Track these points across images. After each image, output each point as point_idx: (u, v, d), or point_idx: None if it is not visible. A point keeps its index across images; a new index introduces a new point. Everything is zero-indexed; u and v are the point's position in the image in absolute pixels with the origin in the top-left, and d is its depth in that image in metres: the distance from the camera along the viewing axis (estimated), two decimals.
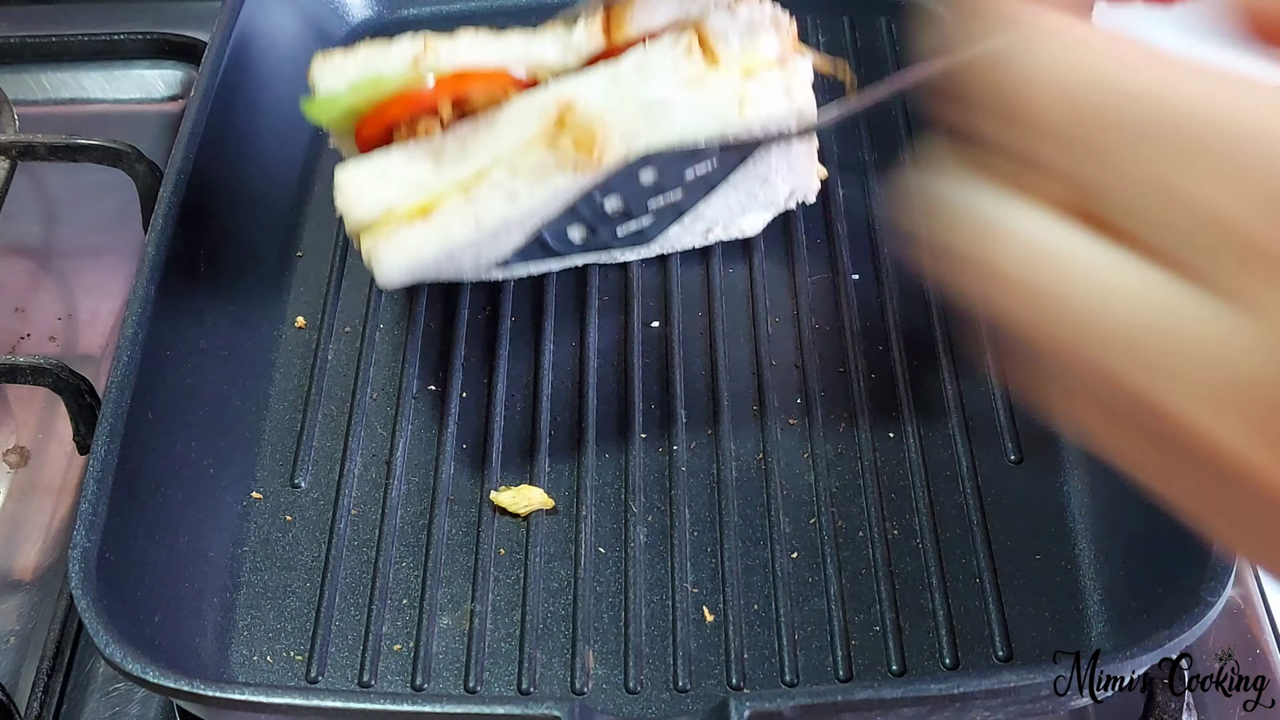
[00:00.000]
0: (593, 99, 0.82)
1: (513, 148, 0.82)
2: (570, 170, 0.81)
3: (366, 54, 0.86)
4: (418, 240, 0.82)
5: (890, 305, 0.98)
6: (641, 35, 0.84)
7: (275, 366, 0.98)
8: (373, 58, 0.86)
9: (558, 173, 0.81)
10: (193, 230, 0.93)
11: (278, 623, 0.84)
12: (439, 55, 0.85)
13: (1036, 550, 0.85)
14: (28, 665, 0.86)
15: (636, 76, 0.82)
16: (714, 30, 0.83)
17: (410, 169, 0.82)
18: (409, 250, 0.82)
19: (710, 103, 0.82)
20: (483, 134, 0.83)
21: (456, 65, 0.85)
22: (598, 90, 0.82)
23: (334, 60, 0.86)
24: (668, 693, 0.80)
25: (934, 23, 1.19)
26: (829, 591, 0.84)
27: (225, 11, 1.06)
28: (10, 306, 1.08)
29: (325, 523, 0.89)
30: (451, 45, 0.85)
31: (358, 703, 0.71)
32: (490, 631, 0.83)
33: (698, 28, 0.83)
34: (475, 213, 0.82)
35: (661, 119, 0.81)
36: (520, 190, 0.82)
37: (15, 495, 0.96)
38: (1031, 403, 0.42)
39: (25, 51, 1.25)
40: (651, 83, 0.82)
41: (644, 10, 0.84)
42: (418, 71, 0.84)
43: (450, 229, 0.82)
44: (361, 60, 0.86)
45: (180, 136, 0.96)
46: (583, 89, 0.82)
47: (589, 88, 0.82)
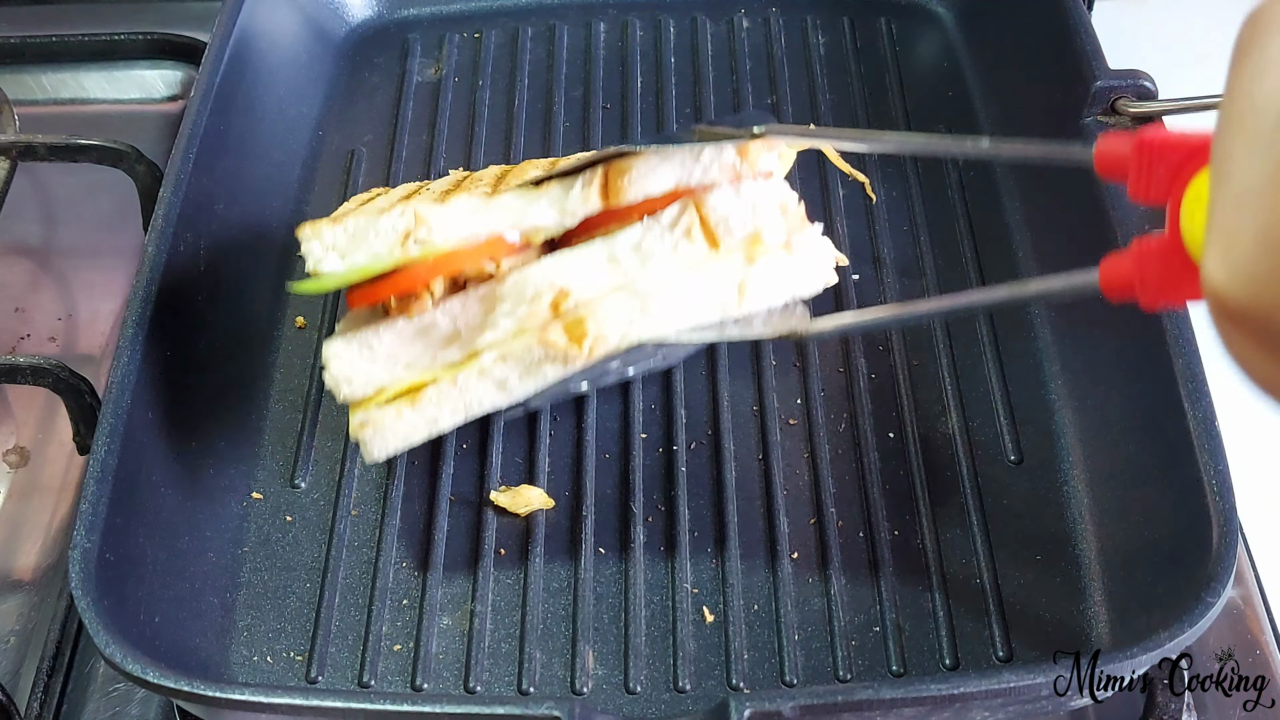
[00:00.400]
0: (587, 285, 0.79)
1: (504, 333, 0.79)
2: (561, 361, 0.79)
3: (355, 224, 0.79)
4: (406, 428, 0.82)
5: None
6: (641, 200, 0.79)
7: (275, 366, 0.98)
8: (362, 229, 0.79)
9: (548, 363, 0.79)
10: (193, 230, 0.93)
11: (278, 623, 0.84)
12: (430, 228, 0.79)
13: (1036, 550, 0.85)
14: (28, 665, 0.86)
15: (634, 258, 0.79)
16: (716, 210, 0.78)
17: (400, 348, 0.80)
18: (397, 438, 0.82)
19: (709, 290, 0.79)
20: (473, 312, 0.80)
21: (448, 237, 0.79)
22: (593, 274, 0.79)
23: (322, 232, 0.80)
24: (668, 693, 0.80)
25: (934, 23, 1.19)
26: (829, 591, 0.84)
27: (225, 11, 1.06)
28: (10, 306, 1.08)
29: (325, 523, 0.89)
30: (443, 214, 0.79)
31: (357, 703, 0.71)
32: (490, 631, 0.83)
33: (699, 207, 0.79)
34: (464, 400, 0.81)
35: (657, 308, 0.79)
36: (510, 379, 0.80)
37: (15, 495, 0.96)
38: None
39: (25, 51, 1.25)
40: (649, 265, 0.78)
41: (643, 174, 0.79)
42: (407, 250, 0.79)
43: (439, 416, 0.82)
44: (351, 231, 0.79)
45: (180, 136, 0.96)
46: (577, 273, 0.79)
47: (584, 271, 0.79)
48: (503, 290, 0.79)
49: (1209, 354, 0.81)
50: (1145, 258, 0.57)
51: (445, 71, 1.18)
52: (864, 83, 1.15)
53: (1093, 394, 0.89)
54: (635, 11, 1.22)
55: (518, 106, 1.15)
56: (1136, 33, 1.34)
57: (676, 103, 1.14)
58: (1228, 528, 0.73)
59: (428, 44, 1.21)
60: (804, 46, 1.19)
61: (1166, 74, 0.99)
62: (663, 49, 1.19)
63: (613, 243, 0.79)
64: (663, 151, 0.83)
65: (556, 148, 1.11)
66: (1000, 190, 1.05)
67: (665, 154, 0.78)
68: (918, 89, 1.15)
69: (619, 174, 0.77)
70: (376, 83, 1.18)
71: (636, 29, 1.21)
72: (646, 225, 0.79)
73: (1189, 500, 0.76)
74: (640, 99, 1.15)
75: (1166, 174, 0.55)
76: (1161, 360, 0.81)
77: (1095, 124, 0.96)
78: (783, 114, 1.13)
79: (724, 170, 0.78)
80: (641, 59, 1.18)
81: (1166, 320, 0.82)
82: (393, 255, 0.79)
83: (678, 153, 0.78)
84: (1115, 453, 0.85)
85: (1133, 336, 0.86)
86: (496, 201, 0.78)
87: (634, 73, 1.17)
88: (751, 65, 1.17)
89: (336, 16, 1.21)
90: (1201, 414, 0.77)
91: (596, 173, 0.78)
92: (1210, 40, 1.36)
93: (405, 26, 1.23)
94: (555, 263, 0.79)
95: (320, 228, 0.79)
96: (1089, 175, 0.93)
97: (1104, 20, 1.15)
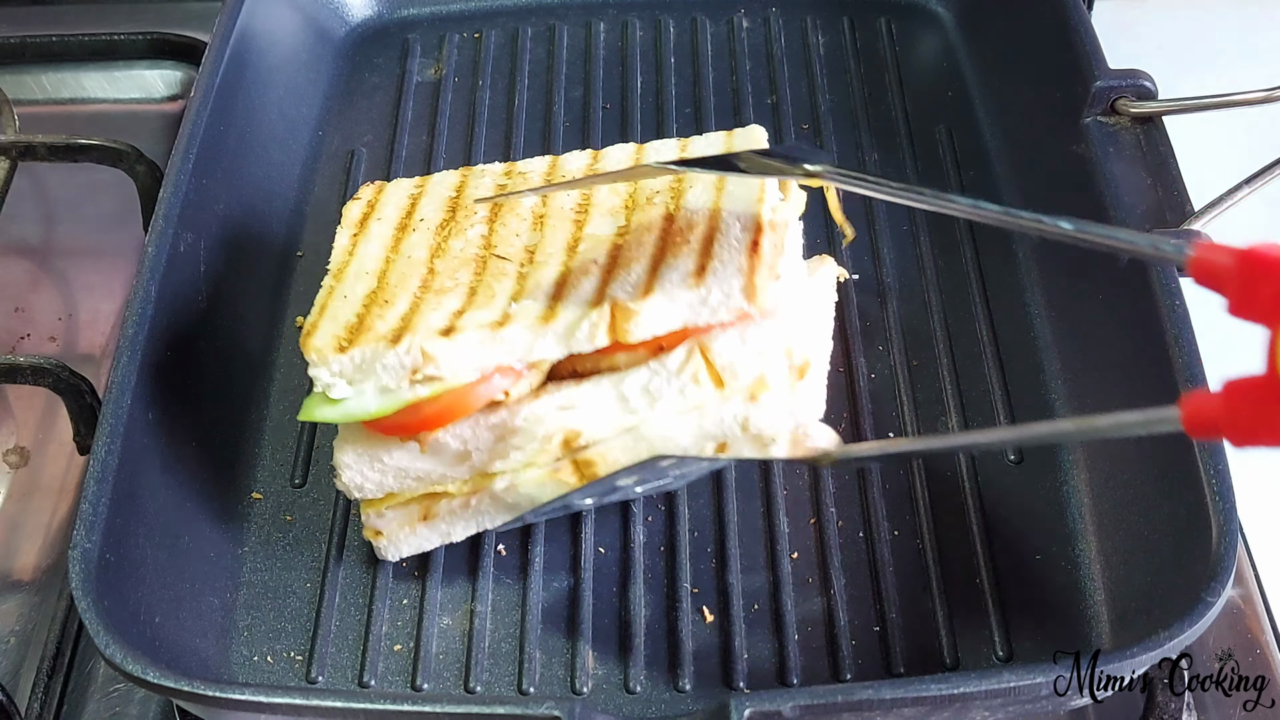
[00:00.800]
0: (597, 426, 0.81)
1: (516, 463, 0.82)
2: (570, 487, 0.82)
3: (362, 354, 0.78)
4: (419, 541, 0.85)
5: (890, 305, 0.98)
6: (648, 338, 0.79)
7: (275, 366, 0.98)
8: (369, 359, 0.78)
9: (556, 492, 0.82)
10: (193, 230, 0.93)
11: (278, 623, 0.84)
12: (438, 364, 0.78)
13: (1036, 550, 0.85)
14: (28, 665, 0.86)
15: (643, 399, 0.80)
16: (722, 356, 0.79)
17: (411, 464, 0.82)
18: (410, 547, 0.86)
19: (713, 427, 0.81)
20: (484, 438, 0.81)
21: (456, 373, 0.79)
22: (602, 414, 0.80)
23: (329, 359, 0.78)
24: (668, 693, 0.80)
25: (934, 23, 1.19)
26: (829, 591, 0.84)
27: (225, 11, 1.06)
28: (10, 306, 1.08)
29: (325, 523, 0.89)
30: (450, 350, 0.78)
31: (357, 703, 0.71)
32: (490, 631, 0.83)
33: (705, 352, 0.79)
34: (476, 519, 0.85)
35: (662, 445, 0.81)
36: (521, 503, 0.83)
37: (15, 495, 0.96)
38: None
39: (25, 51, 1.25)
40: (657, 406, 0.80)
41: (650, 317, 0.78)
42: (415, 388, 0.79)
43: (451, 532, 0.85)
44: (358, 361, 0.78)
45: (180, 136, 0.96)
46: (588, 414, 0.80)
47: (594, 411, 0.80)
48: (514, 423, 0.80)
49: (1209, 354, 0.81)
50: (1236, 397, 0.54)
51: (445, 71, 1.18)
52: (864, 83, 1.15)
53: (1093, 394, 0.89)
54: (635, 11, 1.22)
55: (518, 106, 1.15)
56: (1136, 33, 1.34)
57: (676, 102, 1.14)
58: (1228, 528, 0.73)
59: (428, 44, 1.21)
60: (804, 46, 1.19)
61: (1166, 74, 0.99)
62: (663, 49, 1.19)
63: (621, 383, 0.80)
64: (692, 179, 0.85)
65: (556, 148, 1.11)
66: (1001, 190, 1.05)
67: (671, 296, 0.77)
68: (917, 89, 1.15)
69: (626, 317, 0.77)
70: (376, 83, 1.18)
71: (636, 29, 1.21)
72: (654, 369, 0.80)
73: (1189, 500, 0.76)
74: (640, 99, 1.15)
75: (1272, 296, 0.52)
76: (1161, 360, 0.81)
77: (1095, 124, 0.96)
78: (782, 114, 1.13)
79: (730, 312, 0.78)
80: (641, 59, 1.18)
81: (1166, 320, 0.82)
82: (401, 393, 0.79)
83: (684, 295, 0.77)
84: (1115, 453, 0.85)
85: (1133, 336, 0.85)
86: (504, 334, 0.78)
87: (634, 73, 1.17)
88: (751, 65, 1.17)
89: (336, 16, 1.21)
90: None
91: (604, 313, 0.77)
92: (1210, 40, 1.36)
93: (405, 26, 1.23)
94: (565, 399, 0.80)
95: (327, 354, 0.78)
96: (1089, 175, 0.94)
97: (1104, 20, 1.15)
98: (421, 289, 0.82)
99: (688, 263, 0.79)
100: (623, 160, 0.91)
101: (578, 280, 0.80)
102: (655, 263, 0.80)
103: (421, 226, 0.87)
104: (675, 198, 0.85)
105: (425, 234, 0.87)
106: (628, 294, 0.78)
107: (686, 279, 0.78)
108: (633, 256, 0.81)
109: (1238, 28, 1.38)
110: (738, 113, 1.13)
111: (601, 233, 0.84)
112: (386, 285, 0.83)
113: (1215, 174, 0.92)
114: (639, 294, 0.78)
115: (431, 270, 0.83)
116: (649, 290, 0.78)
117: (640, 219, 0.84)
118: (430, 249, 0.85)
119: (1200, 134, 1.04)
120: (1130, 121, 0.96)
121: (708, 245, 0.80)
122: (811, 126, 1.12)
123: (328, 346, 0.79)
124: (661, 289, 0.78)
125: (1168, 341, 0.81)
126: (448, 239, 0.86)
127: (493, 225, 0.87)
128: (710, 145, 0.90)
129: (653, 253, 0.81)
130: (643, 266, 0.80)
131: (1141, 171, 0.93)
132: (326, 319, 0.81)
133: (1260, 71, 1.08)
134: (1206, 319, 0.84)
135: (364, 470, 0.82)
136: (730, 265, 0.78)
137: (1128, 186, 0.91)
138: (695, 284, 0.77)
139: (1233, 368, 0.46)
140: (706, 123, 1.12)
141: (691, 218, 0.83)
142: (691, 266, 0.79)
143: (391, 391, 0.79)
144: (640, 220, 0.84)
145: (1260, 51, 1.35)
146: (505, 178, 0.91)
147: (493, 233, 0.86)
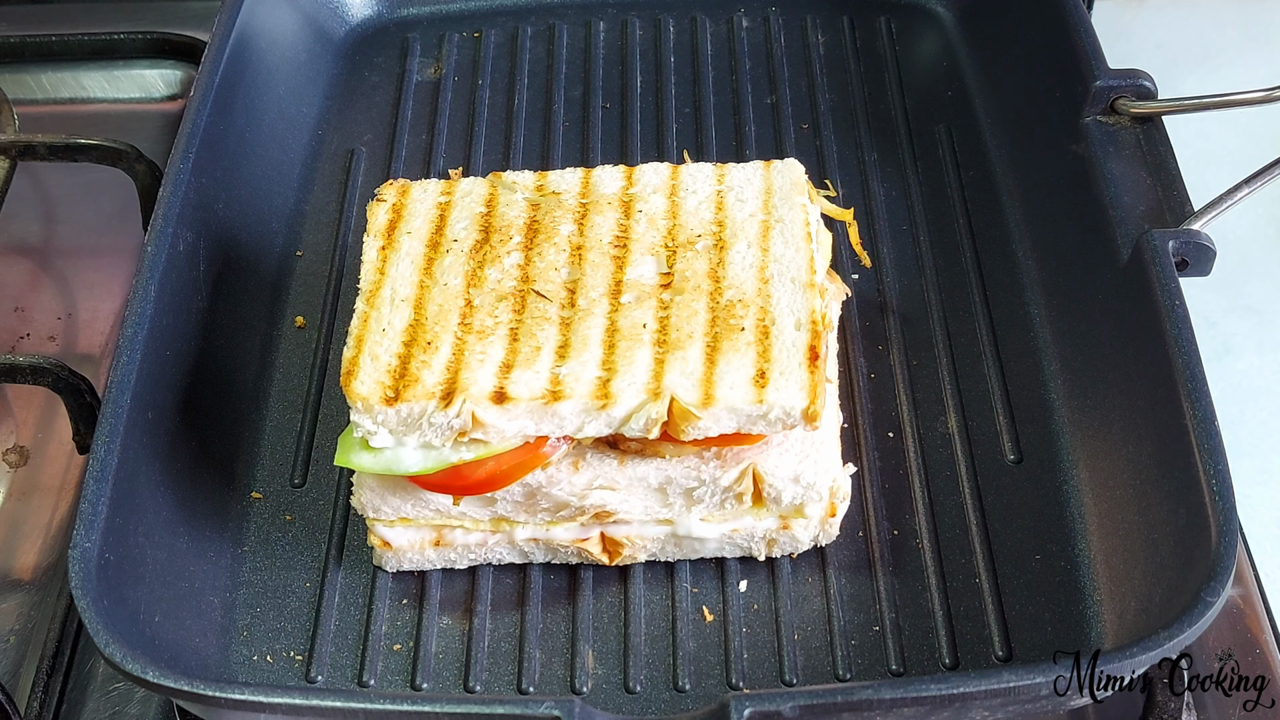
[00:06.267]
0: (632, 511, 0.82)
1: (542, 522, 0.83)
2: (595, 559, 0.84)
3: (410, 410, 0.77)
4: (423, 560, 0.86)
5: (890, 305, 0.98)
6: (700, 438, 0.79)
7: (275, 367, 0.98)
8: (415, 416, 0.77)
9: (574, 557, 0.85)
10: (193, 230, 0.93)
11: (277, 622, 0.84)
12: (487, 430, 0.78)
13: (1036, 550, 0.85)
14: (27, 664, 0.86)
15: (683, 500, 0.82)
16: (773, 485, 0.81)
17: (437, 501, 0.83)
18: (413, 565, 0.86)
19: (742, 540, 0.84)
20: (515, 492, 0.81)
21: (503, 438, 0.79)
22: (640, 499, 0.82)
23: (375, 409, 0.78)
24: (668, 693, 0.80)
25: (934, 22, 1.19)
26: (828, 591, 0.84)
27: (225, 11, 1.06)
28: (10, 306, 1.08)
29: (325, 523, 0.89)
30: (500, 417, 0.78)
31: (357, 702, 0.71)
32: (490, 631, 0.83)
33: (758, 480, 0.81)
34: (486, 555, 0.86)
35: (689, 545, 0.84)
36: (535, 554, 0.85)
37: (15, 495, 0.96)
38: None
39: (25, 51, 1.25)
40: (695, 510, 0.82)
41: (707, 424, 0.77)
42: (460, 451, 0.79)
43: (458, 561, 0.86)
44: (404, 416, 0.78)
45: (180, 136, 0.96)
46: (625, 497, 0.81)
47: (632, 494, 0.81)
48: (550, 490, 0.81)
49: (1209, 354, 0.81)
50: None
51: (445, 71, 1.18)
52: (864, 82, 1.15)
53: (1093, 394, 0.89)
54: (635, 11, 1.22)
55: (517, 106, 1.15)
56: (1136, 33, 1.34)
57: (676, 102, 1.14)
58: (1227, 528, 0.73)
59: (428, 44, 1.21)
60: (804, 46, 1.19)
61: (1166, 74, 0.99)
62: (662, 49, 1.19)
63: (666, 474, 0.81)
64: (732, 226, 0.87)
65: (556, 147, 1.11)
66: (1000, 190, 1.05)
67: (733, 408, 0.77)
68: (917, 88, 1.15)
69: (685, 419, 0.77)
70: (376, 82, 1.18)
71: (636, 29, 1.21)
72: (704, 478, 0.81)
73: (1189, 500, 0.76)
74: (640, 99, 1.15)
75: None
76: (1161, 360, 0.81)
77: (1095, 123, 0.96)
78: (782, 113, 1.13)
79: (787, 427, 0.79)
80: (641, 59, 1.18)
81: (1166, 320, 0.82)
82: (444, 453, 0.79)
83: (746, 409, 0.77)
84: (1115, 453, 0.85)
85: (1133, 336, 0.85)
86: (557, 408, 0.78)
87: (634, 72, 1.17)
88: (751, 65, 1.17)
89: (336, 16, 1.21)
90: (1201, 414, 0.77)
91: (662, 410, 0.77)
92: (1210, 40, 1.36)
93: (405, 26, 1.23)
94: (606, 478, 0.81)
95: (373, 404, 0.78)
96: (1089, 174, 0.94)
97: (1104, 20, 1.15)
98: (462, 327, 0.82)
99: (746, 363, 0.79)
100: (658, 181, 0.90)
101: (629, 351, 0.80)
102: (710, 350, 0.80)
103: (455, 249, 0.86)
104: (719, 249, 0.85)
105: (459, 257, 0.86)
106: (687, 389, 0.78)
107: (748, 387, 0.78)
108: (685, 332, 0.81)
109: (1237, 28, 1.38)
110: (737, 112, 1.13)
111: (645, 280, 0.84)
112: (424, 319, 0.82)
113: (1215, 174, 0.93)
114: (699, 394, 0.78)
115: (470, 304, 0.83)
116: (709, 397, 0.78)
117: (684, 271, 0.84)
118: (465, 276, 0.85)
119: (1200, 134, 1.04)
120: (1130, 121, 0.96)
121: (764, 338, 0.80)
122: (811, 126, 1.12)
123: (374, 396, 0.78)
124: (722, 397, 0.78)
125: (1168, 341, 0.81)
126: (483, 265, 0.85)
127: (528, 254, 0.86)
128: (748, 176, 0.90)
129: (705, 332, 0.81)
130: (698, 352, 0.80)
131: (1141, 171, 0.93)
132: (366, 356, 0.80)
133: (1260, 71, 1.09)
134: (1207, 319, 0.84)
135: (385, 495, 0.83)
136: (792, 379, 0.78)
137: (1127, 186, 0.91)
138: (758, 399, 0.78)
139: (1233, 367, 0.46)
140: (706, 122, 1.12)
141: (741, 286, 0.83)
142: (750, 370, 0.79)
143: (434, 449, 0.79)
144: (685, 273, 0.84)
145: (1260, 51, 1.35)
146: (538, 194, 0.90)
147: (529, 262, 0.85)
